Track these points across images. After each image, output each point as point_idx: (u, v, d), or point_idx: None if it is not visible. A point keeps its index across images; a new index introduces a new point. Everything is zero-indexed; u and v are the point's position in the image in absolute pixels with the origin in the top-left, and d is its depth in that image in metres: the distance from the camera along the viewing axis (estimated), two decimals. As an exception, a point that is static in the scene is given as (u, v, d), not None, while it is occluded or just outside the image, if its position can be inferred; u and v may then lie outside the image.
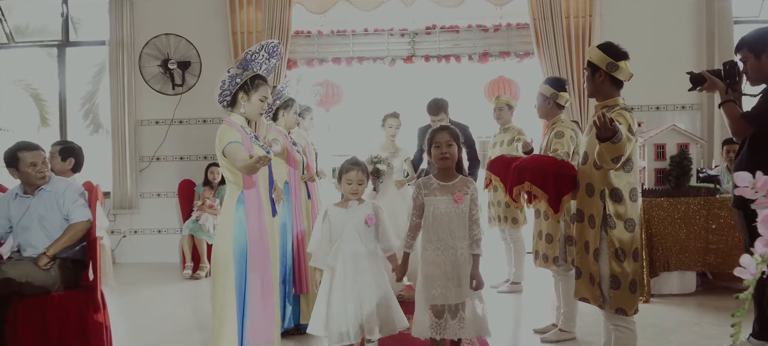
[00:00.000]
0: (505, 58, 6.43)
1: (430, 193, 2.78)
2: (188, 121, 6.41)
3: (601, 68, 2.67)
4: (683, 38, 6.18)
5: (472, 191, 2.80)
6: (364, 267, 2.84)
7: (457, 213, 2.74)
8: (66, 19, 6.67)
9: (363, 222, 2.87)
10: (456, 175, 2.81)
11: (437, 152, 2.77)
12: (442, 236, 2.73)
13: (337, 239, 2.87)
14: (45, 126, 8.54)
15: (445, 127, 2.83)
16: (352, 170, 2.89)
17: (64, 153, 3.67)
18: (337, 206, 2.95)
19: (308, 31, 6.51)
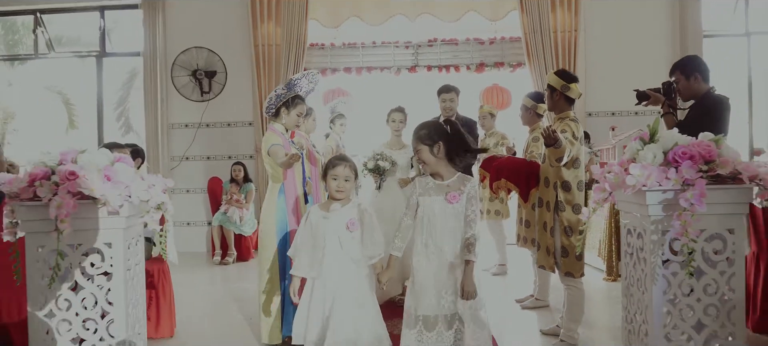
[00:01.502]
0: (499, 68, 7.33)
1: (424, 192, 2.69)
2: (214, 125, 7.33)
3: (557, 89, 3.56)
4: (658, 50, 7.04)
5: (470, 188, 2.65)
6: (345, 278, 2.72)
7: (452, 214, 2.61)
8: (103, 33, 7.62)
9: (344, 227, 2.74)
10: (453, 172, 2.70)
11: (416, 157, 2.74)
12: (437, 240, 2.62)
13: (318, 247, 2.75)
14: (72, 128, 9.48)
15: (414, 132, 2.73)
16: (338, 165, 2.78)
17: (134, 154, 4.59)
18: (319, 209, 2.85)
19: (322, 44, 7.42)
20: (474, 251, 2.57)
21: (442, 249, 2.60)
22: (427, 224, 2.64)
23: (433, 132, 2.66)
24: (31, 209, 1.59)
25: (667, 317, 1.67)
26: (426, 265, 2.62)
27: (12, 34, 8.37)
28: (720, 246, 1.66)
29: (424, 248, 2.64)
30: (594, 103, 7.02)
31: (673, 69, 3.88)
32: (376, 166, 4.55)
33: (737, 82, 7.31)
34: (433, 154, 2.64)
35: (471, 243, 2.57)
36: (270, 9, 7.15)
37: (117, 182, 1.65)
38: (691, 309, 1.66)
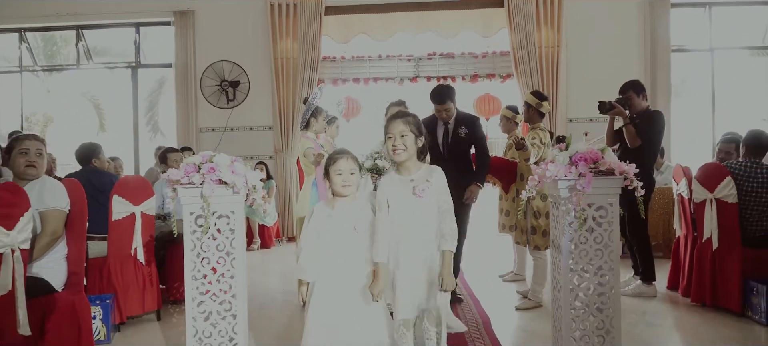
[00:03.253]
0: (490, 79, 8.46)
1: (391, 190, 2.59)
2: (238, 129, 8.45)
3: (532, 105, 4.68)
4: (631, 63, 8.11)
5: (436, 179, 2.59)
6: (352, 280, 2.60)
7: (421, 209, 2.54)
8: (138, 46, 8.75)
9: (351, 227, 2.62)
10: (418, 165, 2.63)
11: (389, 144, 2.60)
12: (409, 238, 2.55)
13: (324, 247, 2.63)
14: (102, 131, 10.60)
15: (401, 114, 2.66)
16: (340, 159, 2.65)
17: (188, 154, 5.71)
18: (324, 206, 2.73)
19: (334, 57, 8.54)
20: (451, 240, 2.53)
21: (415, 247, 2.54)
22: (397, 223, 2.55)
23: (420, 125, 2.65)
24: (188, 189, 2.70)
25: (570, 256, 2.76)
26: (401, 265, 2.55)
27: (51, 46, 9.48)
28: (604, 213, 2.76)
29: (396, 247, 2.56)
30: (574, 110, 8.14)
31: (626, 88, 4.98)
32: (374, 166, 4.43)
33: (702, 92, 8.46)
34: (415, 144, 2.59)
35: (448, 232, 2.54)
36: (287, 26, 8.26)
37: (238, 173, 2.75)
38: (587, 252, 2.75)
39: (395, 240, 2.57)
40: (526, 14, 8.06)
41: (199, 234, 2.72)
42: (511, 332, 3.92)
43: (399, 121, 2.60)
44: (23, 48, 8.87)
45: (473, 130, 4.45)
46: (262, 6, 8.26)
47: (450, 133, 4.46)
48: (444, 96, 4.42)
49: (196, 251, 2.74)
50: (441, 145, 4.47)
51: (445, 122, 4.47)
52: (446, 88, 4.50)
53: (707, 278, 4.33)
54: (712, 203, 4.29)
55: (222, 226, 2.74)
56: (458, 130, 4.42)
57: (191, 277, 2.75)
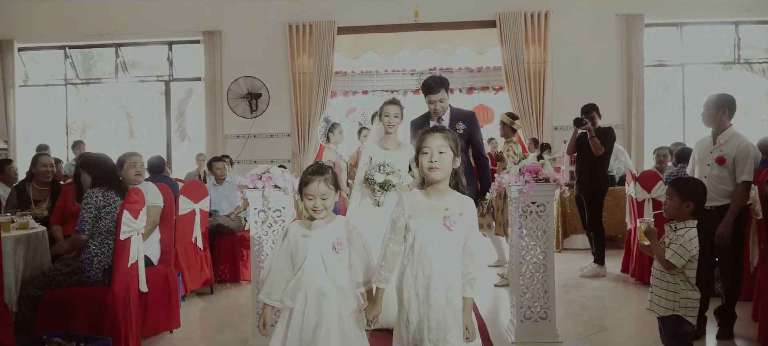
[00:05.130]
0: (485, 91, 9.74)
1: (415, 213, 2.39)
2: (260, 136, 9.74)
3: (507, 124, 5.97)
4: (609, 77, 9.33)
5: (470, 213, 2.41)
6: (328, 307, 2.42)
7: (449, 243, 2.35)
8: (170, 62, 10.07)
9: (330, 247, 2.44)
10: (450, 192, 2.43)
11: (425, 160, 2.37)
12: (429, 272, 2.34)
13: (298, 270, 2.45)
14: (132, 137, 11.94)
15: (439, 128, 2.46)
16: (312, 182, 2.45)
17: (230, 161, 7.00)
18: (299, 225, 2.54)
19: (345, 71, 9.80)
20: (475, 286, 2.38)
21: (435, 283, 2.33)
22: (418, 253, 2.35)
23: (459, 143, 2.47)
24: (253, 192, 4.00)
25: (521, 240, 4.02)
26: (415, 301, 2.37)
27: (88, 59, 10.81)
28: (542, 208, 4.00)
29: (414, 281, 2.37)
30: (558, 119, 9.37)
31: (589, 109, 6.22)
32: (386, 181, 4.06)
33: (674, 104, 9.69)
34: (452, 165, 2.40)
35: (473, 279, 2.38)
36: (304, 44, 9.54)
37: (287, 180, 4.03)
38: (530, 235, 4.00)
39: (412, 272, 2.38)
40: (516, 34, 9.30)
41: (260, 223, 4.00)
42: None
43: (438, 136, 2.38)
44: (67, 63, 10.20)
45: (471, 127, 4.31)
46: (281, 26, 9.54)
47: None
48: (437, 84, 4.19)
49: (258, 235, 4.02)
50: None
51: (438, 118, 4.33)
52: (440, 77, 4.26)
53: (645, 258, 5.58)
54: (650, 202, 5.56)
55: (276, 218, 4.03)
56: (455, 126, 4.28)
57: (255, 255, 4.03)
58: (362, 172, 4.18)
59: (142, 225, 3.88)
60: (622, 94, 9.38)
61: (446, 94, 4.28)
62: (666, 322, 3.12)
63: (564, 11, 9.30)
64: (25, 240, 3.88)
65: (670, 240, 3.07)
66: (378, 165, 4.12)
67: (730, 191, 3.93)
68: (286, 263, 2.52)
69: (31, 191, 5.31)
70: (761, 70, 11.09)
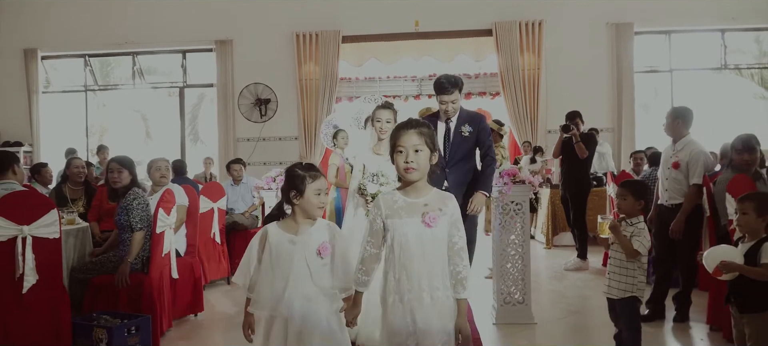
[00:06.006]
0: (482, 96, 10.39)
1: (392, 214, 2.29)
2: (269, 139, 10.42)
3: (495, 130, 6.62)
4: (600, 83, 9.97)
5: (452, 209, 2.30)
6: (315, 315, 2.40)
7: (431, 241, 2.25)
8: (185, 69, 10.77)
9: (315, 252, 2.43)
10: (428, 188, 2.33)
11: (400, 159, 2.27)
12: (412, 274, 2.24)
13: (281, 277, 2.41)
14: (148, 139, 12.66)
15: (414, 123, 2.33)
16: (319, 178, 2.47)
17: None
18: (281, 230, 2.48)
19: (349, 78, 10.47)
20: (467, 286, 2.28)
21: (419, 285, 2.24)
22: (399, 254, 2.26)
23: (435, 138, 2.37)
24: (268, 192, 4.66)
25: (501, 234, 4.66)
26: (400, 306, 2.27)
27: (105, 66, 11.54)
28: (519, 207, 4.63)
29: (396, 285, 2.28)
30: (551, 123, 9.96)
31: (574, 116, 6.85)
32: (378, 193, 3.78)
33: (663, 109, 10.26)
34: (428, 162, 2.30)
35: (464, 278, 2.27)
36: (310, 52, 10.21)
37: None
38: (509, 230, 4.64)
39: (394, 276, 2.29)
40: (511, 42, 9.95)
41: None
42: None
43: (412, 133, 2.27)
44: (86, 71, 10.92)
45: (480, 130, 4.17)
46: (288, 36, 10.22)
47: (452, 133, 4.19)
48: (452, 84, 3.99)
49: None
50: (442, 149, 4.10)
51: (446, 120, 4.19)
52: (454, 77, 4.06)
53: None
54: (625, 201, 6.19)
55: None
56: (461, 128, 4.16)
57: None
58: (356, 181, 4.06)
59: (173, 221, 4.55)
60: (613, 99, 10.01)
61: (460, 95, 4.06)
62: (624, 303, 3.67)
63: (557, 20, 9.94)
64: (74, 233, 4.57)
65: (631, 233, 3.63)
66: (372, 175, 3.97)
67: (685, 191, 4.56)
68: (268, 268, 2.46)
69: (67, 192, 6.00)
70: (749, 75, 11.66)
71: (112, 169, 4.36)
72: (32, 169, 6.98)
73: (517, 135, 10.08)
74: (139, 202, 4.32)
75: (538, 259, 7.83)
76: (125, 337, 3.76)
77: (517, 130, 10.06)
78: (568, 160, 6.86)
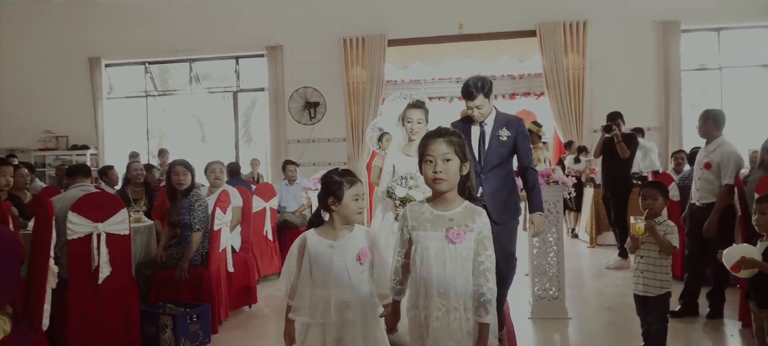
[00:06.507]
0: (526, 97, 10.54)
1: (418, 225, 2.25)
2: (318, 141, 10.85)
3: (534, 132, 6.83)
4: (646, 81, 9.97)
5: (480, 225, 2.21)
6: (353, 322, 2.40)
7: (453, 257, 2.17)
8: (238, 74, 11.33)
9: (354, 258, 2.42)
10: (460, 200, 2.25)
11: (429, 170, 2.21)
12: (431, 291, 2.18)
13: (321, 283, 2.43)
14: (203, 142, 13.31)
15: (443, 132, 2.26)
16: (357, 183, 2.47)
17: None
18: (320, 236, 2.48)
19: (395, 80, 10.77)
20: (490, 310, 2.17)
21: (435, 303, 2.18)
22: (420, 268, 2.22)
23: (465, 147, 2.27)
24: (315, 192, 5.03)
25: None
26: (418, 320, 2.25)
27: (165, 73, 12.22)
28: (553, 206, 4.85)
29: (416, 299, 2.25)
30: (597, 122, 9.97)
31: (615, 116, 7.01)
32: (407, 197, 3.83)
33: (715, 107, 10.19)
34: (459, 172, 2.22)
35: (488, 301, 2.16)
36: (357, 56, 10.58)
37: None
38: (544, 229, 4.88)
39: (414, 291, 2.27)
40: (555, 42, 10.07)
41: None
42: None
43: (441, 142, 2.20)
44: (147, 77, 11.61)
45: (518, 134, 3.91)
46: (336, 41, 10.61)
47: (487, 138, 3.91)
48: (477, 89, 3.73)
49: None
50: (477, 154, 3.91)
51: (480, 124, 3.92)
52: (481, 80, 3.78)
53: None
54: (664, 200, 6.31)
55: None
56: (498, 132, 3.89)
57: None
58: (385, 183, 4.04)
59: (228, 219, 4.98)
60: (660, 98, 10.01)
61: (485, 100, 3.78)
62: (659, 299, 3.82)
63: (601, 20, 10.00)
64: (142, 231, 5.05)
65: (664, 231, 3.79)
66: (401, 177, 3.94)
67: (717, 191, 4.70)
68: (307, 275, 2.47)
69: (130, 192, 6.53)
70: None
71: (177, 172, 4.80)
72: (100, 171, 7.60)
73: (561, 135, 10.19)
74: (200, 203, 4.75)
75: (581, 257, 8.00)
76: (187, 324, 4.19)
77: (562, 130, 10.17)
78: (609, 160, 7.01)
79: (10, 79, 11.57)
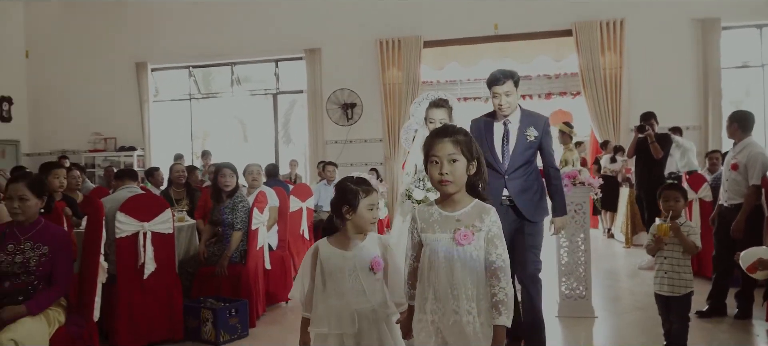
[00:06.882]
0: (562, 96, 10.57)
1: (427, 227, 2.18)
2: (355, 141, 11.10)
3: (566, 133, 6.91)
4: (685, 80, 9.87)
5: (489, 223, 2.12)
6: (369, 332, 2.40)
7: (461, 259, 2.09)
8: (277, 77, 11.67)
9: (368, 267, 2.42)
10: (468, 199, 2.17)
11: (435, 171, 2.13)
12: (440, 295, 2.11)
13: (335, 293, 2.42)
14: (245, 142, 13.73)
15: (449, 130, 2.18)
16: (373, 192, 2.47)
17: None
18: (332, 246, 2.48)
19: (431, 81, 10.93)
20: (505, 312, 2.08)
21: (445, 306, 2.11)
22: (427, 271, 2.17)
23: (473, 145, 2.19)
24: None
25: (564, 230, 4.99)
26: (427, 325, 2.17)
27: (208, 77, 12.68)
28: (579, 207, 4.95)
29: (424, 303, 2.18)
30: (634, 121, 9.96)
31: (648, 116, 7.04)
32: (425, 199, 3.72)
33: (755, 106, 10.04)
34: (466, 172, 2.15)
35: (501, 301, 2.08)
36: (393, 58, 10.79)
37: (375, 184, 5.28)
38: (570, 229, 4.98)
39: (423, 295, 2.20)
40: (592, 41, 10.06)
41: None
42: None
43: (447, 141, 2.12)
44: (190, 81, 12.08)
45: (544, 133, 3.76)
46: (372, 43, 10.84)
47: (512, 137, 3.73)
48: (505, 75, 3.65)
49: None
50: (500, 153, 3.75)
51: (504, 121, 3.75)
52: (509, 70, 3.70)
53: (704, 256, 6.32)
54: (697, 201, 6.32)
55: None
56: (526, 131, 3.71)
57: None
58: (406, 183, 3.98)
59: (266, 219, 5.25)
60: (699, 96, 9.90)
61: (514, 88, 3.66)
62: (683, 299, 3.90)
63: (639, 18, 9.96)
64: (185, 230, 5.37)
65: (687, 232, 3.87)
66: (419, 179, 3.88)
67: (744, 192, 4.73)
68: (321, 285, 2.47)
69: (172, 193, 6.87)
70: None
71: (223, 173, 5.10)
72: (146, 172, 8.00)
73: (598, 134, 10.19)
74: (243, 205, 5.03)
75: (616, 257, 8.05)
76: (227, 318, 4.47)
77: (599, 129, 10.16)
78: (642, 160, 7.04)
79: (62, 84, 12.23)
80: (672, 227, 3.77)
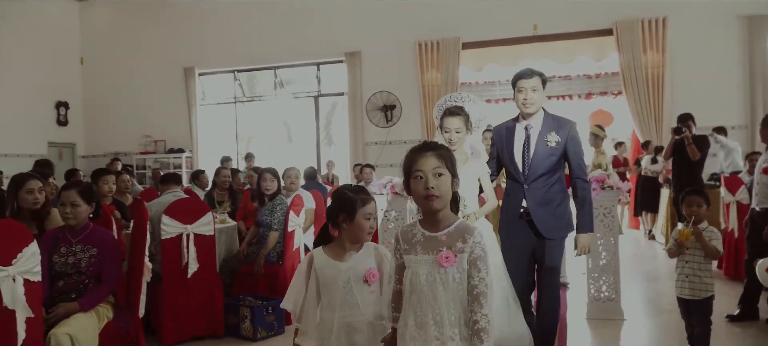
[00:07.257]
0: (603, 96, 10.52)
1: (410, 249, 2.08)
2: (394, 143, 11.30)
3: (599, 135, 6.95)
4: (729, 79, 9.70)
5: (472, 245, 2.01)
6: (361, 343, 2.35)
7: (444, 282, 2.00)
8: (319, 80, 11.98)
9: (362, 279, 2.37)
10: (453, 218, 2.08)
11: (419, 186, 2.03)
12: (421, 319, 2.02)
13: (328, 305, 2.37)
14: (289, 142, 14.11)
15: (431, 146, 2.09)
16: (370, 202, 2.41)
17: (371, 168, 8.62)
18: (327, 256, 2.43)
19: (470, 82, 11.06)
20: (487, 340, 1.97)
21: (427, 333, 2.01)
22: (409, 295, 2.07)
23: (455, 162, 2.13)
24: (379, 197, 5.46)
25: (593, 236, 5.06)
26: None
27: (252, 80, 13.09)
28: (608, 210, 5.02)
29: (405, 329, 2.08)
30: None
31: (685, 118, 7.02)
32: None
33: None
34: (450, 189, 2.07)
35: (482, 329, 1.96)
36: (432, 60, 10.95)
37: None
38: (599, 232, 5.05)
39: (404, 318, 2.10)
40: (633, 40, 10.00)
41: (384, 220, 5.45)
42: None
43: (431, 156, 2.06)
44: (235, 85, 12.51)
45: (569, 139, 3.50)
46: (412, 45, 11.02)
47: (532, 143, 3.52)
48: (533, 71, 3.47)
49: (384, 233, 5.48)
50: (519, 161, 3.55)
51: (526, 126, 3.55)
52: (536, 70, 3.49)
53: (732, 256, 6.31)
54: (734, 204, 6.29)
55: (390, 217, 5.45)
56: (546, 137, 3.49)
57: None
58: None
59: (301, 221, 5.50)
60: (745, 95, 9.73)
61: (541, 86, 3.47)
62: (705, 302, 3.98)
63: (682, 16, 9.85)
64: (226, 231, 5.67)
65: (709, 237, 3.94)
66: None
67: (776, 196, 4.73)
68: (314, 296, 2.43)
69: (216, 195, 7.21)
70: None
71: (265, 178, 5.39)
72: (192, 175, 8.40)
73: (640, 134, 10.11)
74: (281, 207, 5.30)
75: (656, 259, 8.03)
76: (264, 315, 4.73)
77: (640, 129, 10.09)
78: (680, 162, 7.02)
79: (115, 89, 12.86)
80: (694, 231, 3.82)
